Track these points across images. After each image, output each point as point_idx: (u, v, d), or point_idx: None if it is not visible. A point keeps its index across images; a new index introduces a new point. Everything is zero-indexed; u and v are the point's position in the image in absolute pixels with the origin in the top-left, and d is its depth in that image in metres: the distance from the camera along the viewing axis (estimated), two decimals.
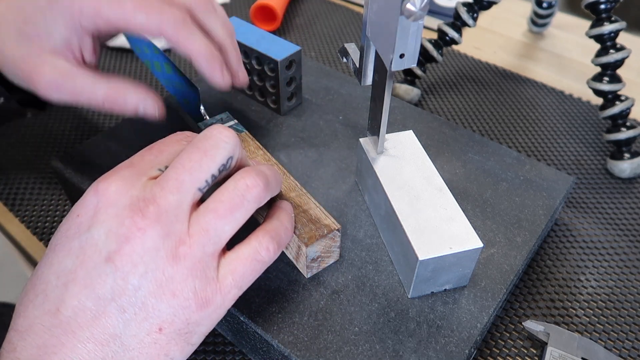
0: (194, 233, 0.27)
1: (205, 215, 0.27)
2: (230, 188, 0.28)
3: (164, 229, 0.26)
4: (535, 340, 0.38)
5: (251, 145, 0.40)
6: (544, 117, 0.60)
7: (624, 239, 0.46)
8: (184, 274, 0.26)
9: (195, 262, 0.27)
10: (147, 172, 0.28)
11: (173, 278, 0.26)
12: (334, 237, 0.35)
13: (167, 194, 0.27)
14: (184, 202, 0.27)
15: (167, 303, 0.26)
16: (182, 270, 0.26)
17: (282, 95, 0.47)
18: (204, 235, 0.27)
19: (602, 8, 0.49)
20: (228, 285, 0.28)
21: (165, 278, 0.26)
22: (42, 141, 0.55)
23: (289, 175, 0.38)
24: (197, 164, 0.28)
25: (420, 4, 0.27)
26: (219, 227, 0.27)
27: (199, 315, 0.27)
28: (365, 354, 0.32)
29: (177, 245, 0.26)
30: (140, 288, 0.26)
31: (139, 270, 0.26)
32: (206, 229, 0.27)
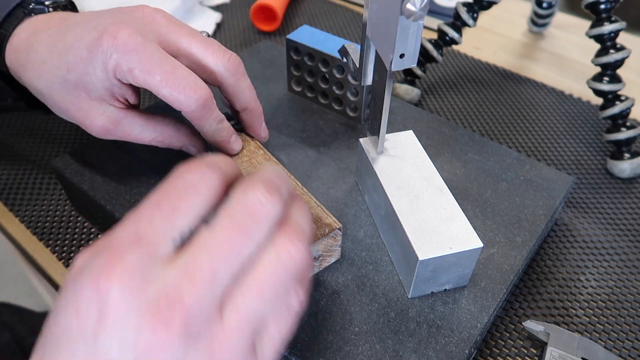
0: (232, 324, 0.22)
1: (246, 298, 0.22)
2: (274, 260, 0.23)
3: (192, 336, 0.21)
4: (535, 340, 0.38)
5: (251, 145, 0.40)
6: (544, 117, 0.60)
7: (624, 239, 0.46)
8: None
9: (235, 357, 0.22)
10: (160, 250, 0.22)
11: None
12: (335, 236, 0.35)
13: (197, 291, 0.21)
14: (216, 298, 0.22)
15: None
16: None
17: (364, 103, 0.47)
18: (246, 323, 0.22)
19: (602, 8, 0.49)
20: (269, 357, 0.23)
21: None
22: (42, 141, 0.55)
23: (288, 174, 0.38)
24: (236, 251, 0.22)
25: (420, 4, 0.27)
26: (261, 310, 0.23)
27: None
28: (365, 354, 0.32)
29: (210, 346, 0.21)
30: None
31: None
32: (248, 315, 0.22)
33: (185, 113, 0.36)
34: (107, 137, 0.38)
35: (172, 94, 0.35)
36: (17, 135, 0.56)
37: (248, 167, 0.39)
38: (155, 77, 0.34)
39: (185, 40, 0.38)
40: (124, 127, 0.38)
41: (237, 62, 0.39)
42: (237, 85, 0.39)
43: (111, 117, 0.37)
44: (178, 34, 0.38)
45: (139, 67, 0.34)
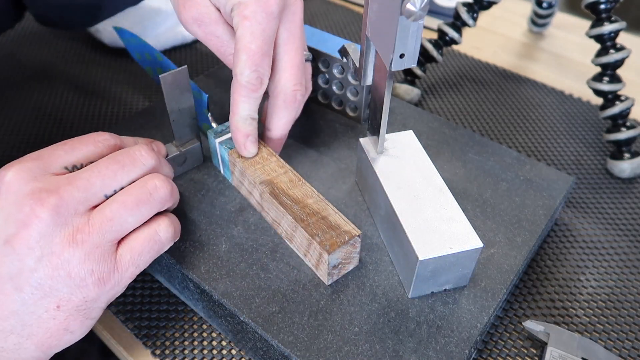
0: (97, 222, 0.30)
1: (111, 205, 0.30)
2: (140, 185, 0.32)
3: (61, 219, 0.28)
4: (535, 340, 0.38)
5: (264, 152, 0.40)
6: (544, 117, 0.60)
7: (624, 239, 0.46)
8: (80, 258, 0.29)
9: (93, 247, 0.29)
10: (52, 168, 0.30)
11: (69, 261, 0.29)
12: (355, 243, 0.35)
13: (72, 189, 0.29)
14: (87, 201, 0.30)
15: (64, 283, 0.29)
16: (78, 254, 0.29)
17: (364, 103, 0.47)
18: (107, 224, 0.30)
19: (602, 8, 0.49)
20: (126, 264, 0.31)
21: (61, 261, 0.28)
22: (42, 141, 0.55)
23: (304, 182, 0.37)
24: (112, 173, 0.31)
25: (420, 4, 0.27)
26: (123, 218, 0.30)
27: (96, 293, 0.30)
28: (365, 354, 0.32)
29: (74, 233, 0.29)
30: (37, 270, 0.28)
31: (35, 254, 0.28)
32: (110, 217, 0.30)
33: (237, 75, 0.36)
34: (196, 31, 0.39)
35: (247, 55, 0.35)
36: (17, 135, 0.56)
37: (261, 175, 0.38)
38: (255, 39, 0.36)
39: (289, 43, 0.38)
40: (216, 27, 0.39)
41: (298, 97, 0.39)
42: (280, 110, 0.39)
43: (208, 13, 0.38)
44: (290, 32, 0.38)
45: (253, 25, 0.35)
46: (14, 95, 0.61)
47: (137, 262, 0.31)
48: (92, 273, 0.29)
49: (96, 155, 0.32)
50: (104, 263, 0.30)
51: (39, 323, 0.29)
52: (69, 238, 0.29)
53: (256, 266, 0.37)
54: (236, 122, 0.38)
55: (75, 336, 0.30)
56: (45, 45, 0.70)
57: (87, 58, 0.68)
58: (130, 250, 0.31)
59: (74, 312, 0.29)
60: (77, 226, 0.29)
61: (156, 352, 0.38)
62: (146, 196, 0.31)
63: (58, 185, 0.29)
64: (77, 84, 0.63)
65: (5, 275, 0.28)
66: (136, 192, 0.31)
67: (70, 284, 0.29)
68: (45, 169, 0.30)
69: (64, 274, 0.29)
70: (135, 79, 0.64)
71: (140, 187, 0.31)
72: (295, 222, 0.35)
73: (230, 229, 0.39)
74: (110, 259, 0.30)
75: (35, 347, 0.29)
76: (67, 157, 0.31)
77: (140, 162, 0.32)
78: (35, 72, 0.65)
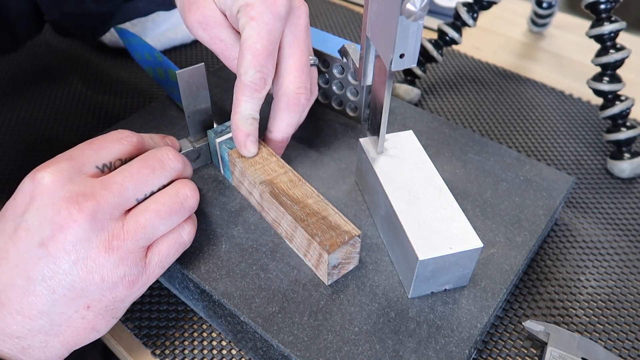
0: (131, 229, 0.30)
1: (145, 213, 0.31)
2: (173, 194, 0.32)
3: (97, 225, 0.29)
4: (535, 340, 0.38)
5: (264, 151, 0.40)
6: (544, 117, 0.60)
7: (624, 239, 0.46)
8: (115, 262, 0.29)
9: (126, 253, 0.30)
10: (85, 168, 0.31)
11: (103, 266, 0.29)
12: (355, 243, 0.35)
13: (108, 194, 0.29)
14: (121, 206, 0.30)
15: (96, 286, 0.29)
16: (113, 259, 0.29)
17: (364, 103, 0.47)
18: (141, 231, 0.30)
19: (602, 8, 0.49)
20: (153, 266, 0.32)
21: (95, 265, 0.29)
22: (42, 141, 0.55)
23: (304, 182, 0.37)
24: (143, 178, 0.31)
25: (420, 4, 0.27)
26: (156, 226, 0.31)
27: (125, 294, 0.31)
28: (365, 354, 0.32)
29: (110, 239, 0.29)
30: (71, 273, 0.28)
31: (71, 258, 0.28)
32: (144, 225, 0.31)
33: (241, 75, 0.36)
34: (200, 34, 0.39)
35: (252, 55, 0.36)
36: (17, 135, 0.56)
37: (262, 175, 0.38)
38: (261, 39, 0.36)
39: (293, 46, 0.38)
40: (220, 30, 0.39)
41: (302, 101, 0.39)
42: (282, 112, 0.39)
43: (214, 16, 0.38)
44: (295, 36, 0.38)
45: (260, 26, 0.35)
46: (14, 95, 0.61)
47: (163, 263, 0.33)
48: (123, 277, 0.30)
49: (123, 153, 0.33)
50: (135, 267, 0.30)
51: (68, 323, 0.29)
52: (105, 244, 0.29)
53: (256, 266, 0.37)
54: (237, 121, 0.38)
55: (99, 334, 0.31)
56: (45, 45, 0.70)
57: (87, 58, 0.68)
58: (158, 253, 0.32)
59: (102, 311, 0.30)
60: (113, 232, 0.29)
61: (156, 352, 0.38)
62: (178, 206, 0.32)
63: (94, 190, 0.29)
64: (77, 84, 0.63)
65: (38, 277, 0.28)
66: (169, 201, 0.32)
67: (102, 287, 0.29)
68: (79, 169, 0.30)
69: (98, 278, 0.29)
70: (135, 79, 0.64)
71: (173, 197, 0.32)
72: (295, 222, 0.35)
73: (230, 229, 0.39)
74: (141, 263, 0.31)
75: (60, 346, 0.30)
76: (97, 157, 0.32)
77: (168, 166, 0.33)
78: (35, 72, 0.65)
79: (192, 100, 0.39)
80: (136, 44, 0.49)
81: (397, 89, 0.60)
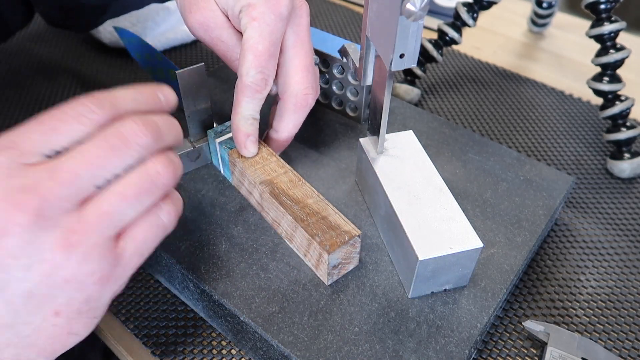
0: (91, 219, 0.25)
1: (108, 197, 0.26)
2: (141, 172, 0.27)
3: (47, 222, 0.24)
4: (535, 340, 0.38)
5: (264, 152, 0.40)
6: (544, 117, 0.60)
7: (624, 239, 0.46)
8: (78, 260, 0.25)
9: (91, 247, 0.25)
10: (29, 156, 0.25)
11: (64, 267, 0.25)
12: (355, 243, 0.35)
13: (55, 185, 0.25)
14: (75, 197, 0.25)
15: (60, 290, 0.25)
16: (75, 258, 0.25)
17: (364, 103, 0.47)
18: (105, 219, 0.26)
19: (602, 8, 0.48)
20: (129, 256, 0.27)
21: (53, 267, 0.25)
22: None
23: (304, 182, 0.37)
24: (102, 161, 0.26)
25: (420, 4, 0.27)
26: (123, 211, 0.26)
27: (98, 292, 0.27)
28: (365, 354, 0.32)
29: (67, 234, 0.25)
30: (26, 280, 0.25)
31: (21, 263, 0.24)
32: (109, 212, 0.26)
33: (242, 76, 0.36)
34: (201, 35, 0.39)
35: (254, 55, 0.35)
36: None
37: (262, 175, 0.38)
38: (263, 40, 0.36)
39: (297, 46, 0.38)
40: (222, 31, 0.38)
41: (309, 101, 0.39)
42: (290, 113, 0.39)
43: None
44: (298, 36, 0.38)
45: (262, 26, 0.35)
46: (14, 94, 0.61)
47: (141, 251, 0.28)
48: (92, 274, 0.26)
49: (83, 135, 0.26)
50: (104, 261, 0.26)
51: (38, 332, 0.26)
52: (62, 241, 0.25)
53: (256, 266, 0.37)
54: (238, 122, 0.38)
55: (80, 337, 0.28)
56: (45, 45, 0.70)
57: (87, 58, 0.68)
58: (132, 240, 0.27)
59: (75, 315, 0.27)
60: (69, 226, 0.25)
61: (156, 352, 0.38)
62: (149, 184, 0.27)
63: (38, 182, 0.24)
64: (77, 84, 0.63)
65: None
66: (136, 180, 0.27)
67: (67, 289, 0.26)
68: (20, 159, 0.25)
69: (60, 280, 0.25)
70: (135, 79, 0.64)
71: (141, 175, 0.27)
72: (295, 222, 0.35)
73: (230, 229, 0.39)
74: (111, 255, 0.26)
75: (37, 355, 0.27)
76: (46, 142, 0.26)
77: (135, 143, 0.26)
78: (35, 72, 0.65)
79: (192, 100, 0.39)
80: (136, 44, 0.49)
81: (397, 89, 0.60)
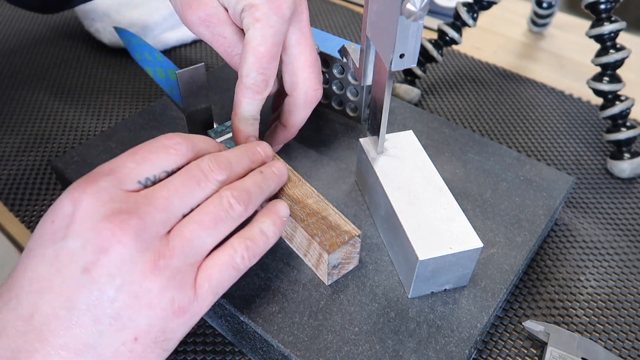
0: (176, 244, 0.27)
1: (188, 225, 0.28)
2: (216, 202, 0.29)
3: (142, 244, 0.26)
4: (535, 340, 0.38)
5: None
6: (544, 117, 0.60)
7: (624, 239, 0.46)
8: (162, 285, 0.26)
9: (174, 273, 0.27)
10: (127, 183, 0.28)
11: (150, 290, 0.26)
12: (355, 243, 0.35)
13: (153, 210, 0.27)
14: (168, 222, 0.28)
15: (144, 314, 0.26)
16: (160, 282, 0.26)
17: (364, 103, 0.47)
18: (187, 245, 0.28)
19: (602, 8, 0.48)
20: (204, 293, 0.28)
21: (142, 290, 0.26)
22: (42, 141, 0.55)
23: (304, 182, 0.37)
24: (189, 191, 0.29)
25: (420, 4, 0.27)
26: (202, 238, 0.28)
27: (176, 323, 0.27)
28: (365, 354, 0.32)
29: (156, 258, 0.26)
30: (116, 300, 0.26)
31: (116, 283, 0.26)
32: (189, 238, 0.28)
33: (243, 77, 0.36)
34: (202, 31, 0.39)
35: (255, 58, 0.35)
36: (17, 135, 0.56)
37: None
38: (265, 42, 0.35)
39: (302, 43, 0.38)
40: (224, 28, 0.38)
41: (318, 96, 0.40)
42: (300, 109, 0.40)
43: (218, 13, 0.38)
44: (301, 32, 0.38)
45: (265, 28, 0.35)
46: (14, 95, 0.61)
47: (215, 290, 0.29)
48: (172, 302, 0.27)
49: (170, 166, 0.30)
50: (184, 291, 0.27)
51: (116, 356, 0.26)
52: (151, 264, 0.26)
53: (256, 266, 0.37)
54: (238, 123, 0.38)
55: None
56: (45, 45, 0.70)
57: (87, 58, 0.68)
58: (208, 279, 0.28)
59: (152, 344, 0.27)
60: (159, 250, 0.27)
61: None
62: (223, 214, 0.29)
63: (137, 206, 0.27)
64: (77, 84, 0.63)
65: (83, 306, 0.25)
66: (212, 210, 0.29)
67: (150, 315, 0.26)
68: (119, 186, 0.27)
69: (145, 304, 0.26)
70: (135, 79, 0.64)
71: (217, 205, 0.29)
72: (295, 222, 0.35)
73: None
74: (190, 286, 0.28)
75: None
76: (140, 170, 0.28)
77: (212, 178, 0.30)
78: (35, 72, 0.65)
79: (192, 100, 0.39)
80: (136, 44, 0.49)
81: (397, 89, 0.60)
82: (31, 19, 0.75)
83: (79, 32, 0.72)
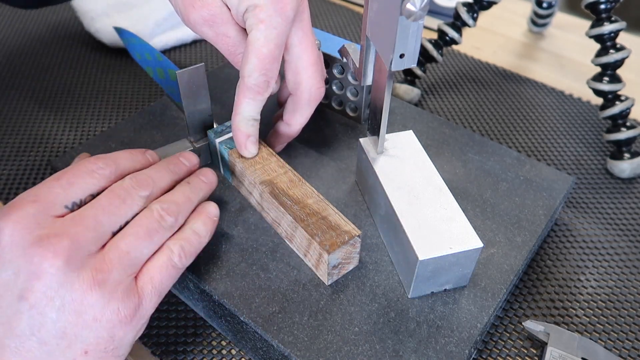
0: (113, 257, 0.28)
1: (124, 238, 0.29)
2: (148, 214, 0.31)
3: (76, 264, 0.27)
4: (535, 340, 0.38)
5: (264, 152, 0.40)
6: (544, 117, 0.60)
7: (624, 239, 0.46)
8: (105, 298, 0.28)
9: (115, 285, 0.28)
10: (55, 209, 0.29)
11: (93, 305, 0.27)
12: (355, 243, 0.35)
13: (83, 229, 0.28)
14: (98, 241, 0.29)
15: (90, 329, 0.27)
16: (101, 295, 0.27)
17: (364, 103, 0.47)
18: (125, 257, 0.29)
19: (602, 8, 0.48)
20: (149, 294, 0.30)
21: (84, 307, 0.27)
22: (42, 141, 0.55)
23: (304, 182, 0.37)
24: (115, 209, 0.30)
25: (420, 4, 0.27)
26: (139, 249, 0.30)
27: (124, 331, 0.29)
28: (365, 354, 0.32)
29: (93, 274, 0.27)
30: (59, 320, 0.27)
31: (55, 304, 0.27)
32: (126, 250, 0.29)
33: (245, 77, 0.36)
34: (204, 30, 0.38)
35: (258, 59, 0.35)
36: (17, 135, 0.56)
37: (262, 175, 0.38)
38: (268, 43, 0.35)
39: (305, 42, 0.38)
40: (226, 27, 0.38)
41: (322, 95, 0.40)
42: (304, 107, 0.40)
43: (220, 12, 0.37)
44: (304, 31, 0.38)
45: (268, 29, 0.35)
46: (14, 95, 0.61)
47: (158, 290, 0.31)
48: (118, 312, 0.28)
49: (95, 188, 0.31)
50: (127, 299, 0.28)
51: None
52: (89, 281, 0.27)
53: (256, 266, 0.37)
54: (238, 123, 0.38)
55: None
56: (45, 45, 0.70)
57: (87, 58, 0.68)
58: (150, 281, 0.30)
59: (102, 354, 0.28)
60: (95, 266, 0.28)
61: (156, 352, 0.38)
62: (156, 225, 0.31)
63: (66, 228, 0.28)
64: (77, 84, 0.63)
65: (27, 331, 0.26)
66: (145, 222, 0.30)
67: (96, 328, 0.28)
68: (47, 212, 0.28)
69: (90, 319, 0.27)
70: (135, 79, 0.64)
71: (148, 217, 0.31)
72: (295, 222, 0.35)
73: (230, 229, 0.39)
74: (133, 294, 0.29)
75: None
76: (66, 195, 0.29)
77: (137, 195, 0.31)
78: (35, 72, 0.65)
79: (192, 100, 0.39)
80: (136, 43, 0.49)
81: (397, 89, 0.60)
82: (31, 19, 0.75)
83: (79, 32, 0.72)
